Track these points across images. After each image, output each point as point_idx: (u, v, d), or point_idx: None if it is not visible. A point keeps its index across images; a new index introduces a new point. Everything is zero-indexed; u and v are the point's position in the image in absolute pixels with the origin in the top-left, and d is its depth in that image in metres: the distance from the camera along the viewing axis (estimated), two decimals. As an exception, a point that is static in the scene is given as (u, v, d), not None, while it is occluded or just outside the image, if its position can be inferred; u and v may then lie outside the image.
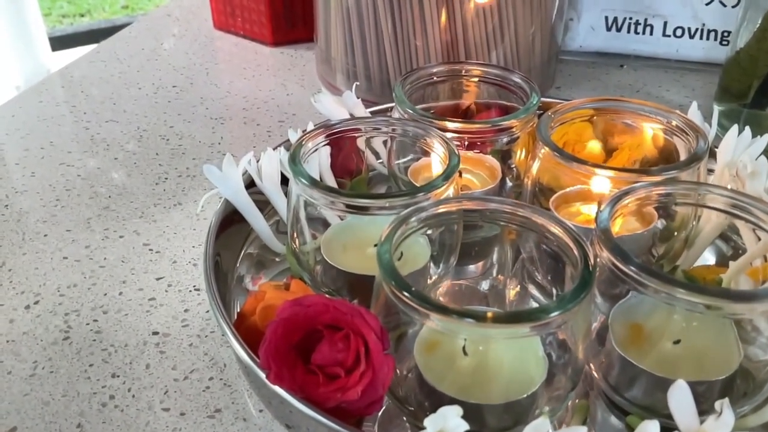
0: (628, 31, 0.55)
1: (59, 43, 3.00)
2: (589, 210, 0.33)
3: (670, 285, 0.22)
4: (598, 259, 0.24)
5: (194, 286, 0.32)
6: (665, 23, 0.54)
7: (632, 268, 0.22)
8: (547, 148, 0.30)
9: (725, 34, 0.53)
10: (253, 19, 0.57)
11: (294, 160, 0.29)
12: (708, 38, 0.54)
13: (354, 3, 0.46)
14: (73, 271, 0.33)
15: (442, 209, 0.26)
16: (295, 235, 0.31)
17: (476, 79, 0.38)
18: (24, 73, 2.66)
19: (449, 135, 0.32)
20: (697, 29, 0.54)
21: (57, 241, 0.35)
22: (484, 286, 0.33)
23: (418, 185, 0.35)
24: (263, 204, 0.34)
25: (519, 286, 0.32)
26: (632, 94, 0.51)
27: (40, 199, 0.38)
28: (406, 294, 0.22)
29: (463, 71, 0.38)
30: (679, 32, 0.54)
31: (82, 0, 3.62)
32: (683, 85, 0.52)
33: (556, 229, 0.25)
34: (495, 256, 0.34)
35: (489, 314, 0.21)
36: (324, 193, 0.28)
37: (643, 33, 0.54)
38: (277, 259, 0.34)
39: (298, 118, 0.47)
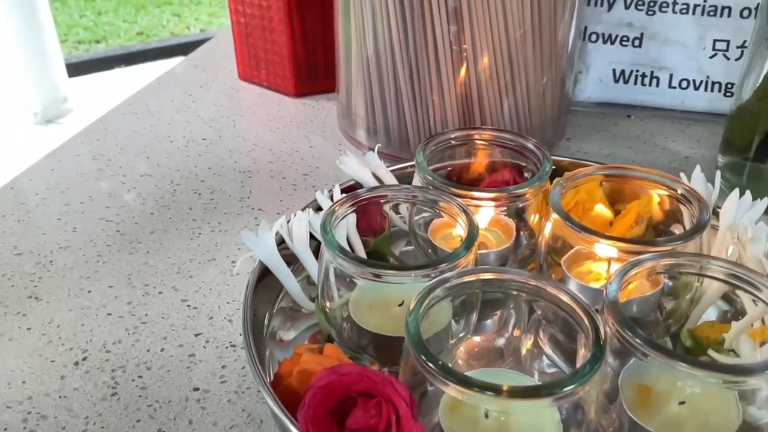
0: (635, 83, 0.57)
1: (75, 69, 3.06)
2: (600, 268, 0.35)
3: (673, 359, 0.24)
4: (607, 329, 0.26)
5: (230, 342, 0.35)
6: (671, 75, 0.57)
7: (638, 341, 0.25)
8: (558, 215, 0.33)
9: (729, 85, 0.56)
10: (277, 72, 0.60)
11: (325, 229, 0.32)
12: (712, 90, 0.56)
13: (374, 63, 0.49)
14: (117, 328, 0.35)
15: (463, 280, 0.28)
16: (325, 293, 0.33)
17: (490, 143, 0.40)
18: (41, 100, 2.72)
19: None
20: (701, 81, 0.56)
21: (101, 297, 0.37)
22: (501, 342, 0.35)
23: (435, 243, 0.38)
24: (292, 257, 0.36)
25: (534, 340, 0.34)
26: (639, 145, 0.53)
27: (83, 255, 0.41)
28: (431, 366, 0.24)
29: (478, 136, 0.40)
30: (684, 84, 0.56)
31: (98, 27, 3.71)
32: (689, 136, 0.54)
33: (567, 300, 0.27)
34: (511, 312, 0.36)
35: (506, 388, 0.23)
36: (353, 263, 0.30)
37: (650, 84, 0.57)
38: (305, 311, 0.36)
39: (321, 171, 0.50)
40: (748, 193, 0.36)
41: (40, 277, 0.39)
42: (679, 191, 0.34)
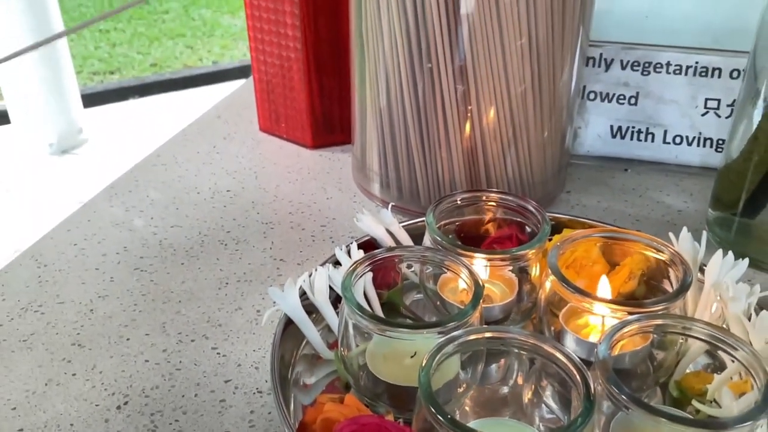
0: (632, 139, 0.61)
1: (90, 100, 3.13)
2: (596, 321, 0.39)
3: (652, 414, 0.27)
4: (598, 385, 0.29)
5: (257, 388, 0.38)
6: (665, 131, 0.60)
7: (623, 397, 0.28)
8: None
9: (720, 141, 0.59)
10: (296, 125, 0.64)
11: (346, 287, 0.35)
12: (704, 145, 0.60)
13: (387, 122, 0.53)
14: (154, 374, 0.39)
15: (470, 338, 0.32)
16: (344, 343, 0.37)
17: (495, 204, 0.44)
18: (57, 131, 2.78)
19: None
20: (694, 137, 0.60)
21: (138, 344, 0.41)
22: (505, 390, 0.38)
23: (443, 296, 0.41)
24: (312, 307, 0.40)
25: (534, 389, 0.38)
26: (635, 199, 0.56)
27: (120, 304, 0.44)
28: (441, 418, 0.27)
29: (485, 197, 0.44)
30: (678, 140, 0.60)
31: (112, 58, 3.80)
32: (682, 189, 0.58)
33: (562, 358, 0.30)
34: (514, 363, 0.39)
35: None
36: (370, 321, 0.34)
37: (646, 140, 0.61)
38: (324, 358, 0.40)
39: (338, 223, 0.53)
40: (730, 253, 0.39)
41: (82, 325, 0.43)
42: (665, 254, 0.38)
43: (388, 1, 0.48)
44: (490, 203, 0.44)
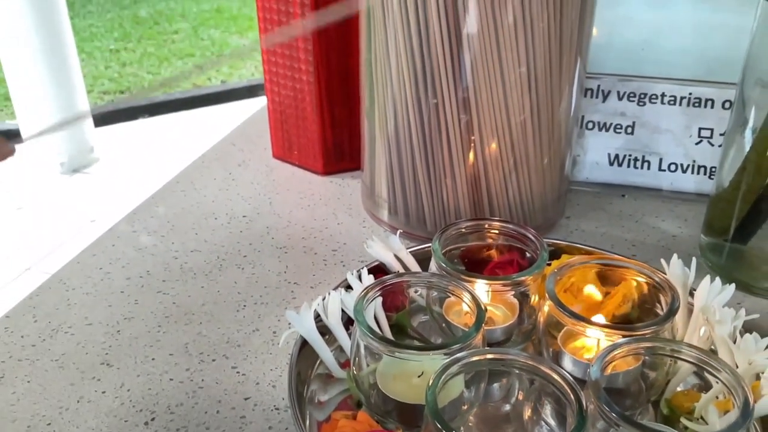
0: (629, 166, 0.64)
1: (100, 119, 3.18)
2: (591, 342, 0.41)
3: (640, 431, 0.30)
4: (590, 404, 0.32)
5: (275, 405, 0.41)
6: (661, 159, 0.63)
7: (614, 415, 0.31)
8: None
9: (713, 169, 0.62)
10: (308, 153, 0.67)
11: (358, 311, 0.38)
12: (698, 173, 0.62)
13: (395, 152, 0.56)
14: (178, 392, 0.42)
15: (473, 359, 0.34)
16: (355, 363, 0.39)
17: (497, 231, 0.47)
18: (68, 150, 2.82)
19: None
20: (688, 165, 0.63)
21: (163, 364, 0.44)
22: (507, 407, 0.41)
23: (448, 318, 0.44)
24: (325, 328, 0.42)
25: (533, 407, 0.40)
26: (632, 224, 0.59)
27: (145, 325, 0.47)
28: (447, 434, 0.30)
29: (487, 225, 0.47)
30: (673, 167, 0.63)
31: (123, 78, 3.86)
32: (677, 215, 0.60)
33: (558, 378, 0.33)
34: (515, 381, 0.42)
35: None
36: (380, 343, 0.36)
37: (642, 167, 0.63)
38: (337, 377, 0.42)
39: (349, 248, 0.56)
40: (717, 279, 0.42)
41: (110, 345, 0.45)
42: (656, 280, 0.40)
43: (395, 38, 0.51)
44: (492, 231, 0.47)
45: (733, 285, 0.41)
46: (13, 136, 3.02)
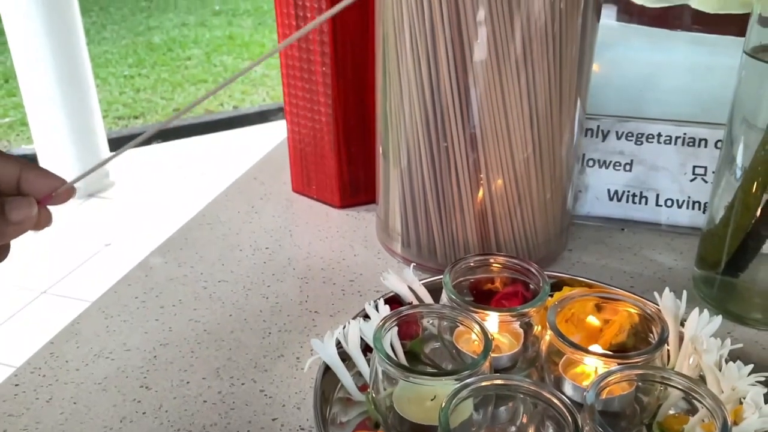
0: (627, 201, 0.68)
1: (115, 144, 3.25)
2: (590, 369, 0.45)
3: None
4: (587, 426, 0.36)
5: (299, 426, 0.45)
6: (657, 195, 0.67)
7: (607, 436, 0.34)
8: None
9: (707, 204, 0.66)
10: (325, 187, 0.72)
11: (376, 339, 0.42)
12: (693, 208, 0.66)
13: (408, 189, 0.60)
14: (212, 413, 0.46)
15: (481, 384, 0.38)
16: (374, 387, 0.43)
17: (502, 265, 0.51)
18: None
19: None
20: (683, 200, 0.67)
21: (197, 387, 0.48)
22: (512, 429, 0.45)
23: (458, 346, 0.48)
24: (345, 354, 0.46)
25: (536, 428, 0.44)
26: (630, 257, 0.63)
27: (179, 351, 0.51)
28: (458, 451, 0.34)
29: (493, 260, 0.51)
30: (669, 203, 0.67)
31: (137, 103, 3.94)
32: (673, 248, 0.64)
33: (557, 402, 0.37)
34: (520, 405, 0.46)
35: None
36: (397, 369, 0.40)
37: (640, 203, 0.67)
38: (356, 400, 0.46)
39: (365, 278, 0.60)
40: (705, 311, 0.45)
41: (147, 369, 0.50)
42: (648, 312, 0.44)
43: (408, 86, 0.56)
44: (498, 265, 0.51)
45: (720, 317, 0.45)
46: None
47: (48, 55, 2.60)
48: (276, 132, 3.45)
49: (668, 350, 0.47)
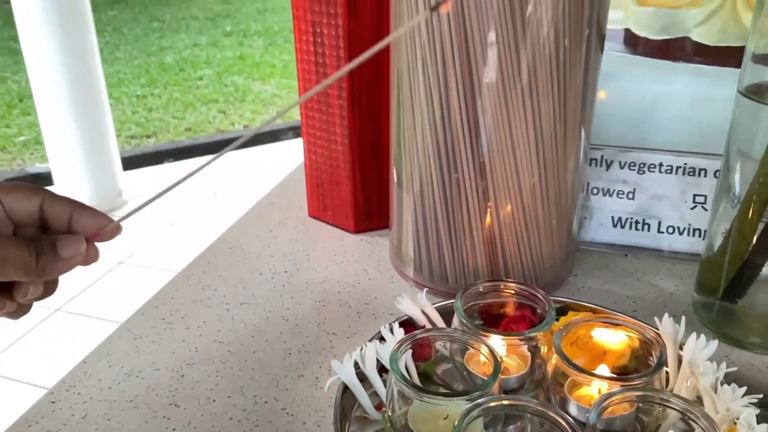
0: (630, 228, 0.71)
1: (127, 163, 3.30)
2: (594, 390, 0.48)
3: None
4: (589, 443, 0.38)
5: (320, 442, 0.48)
6: (659, 222, 0.70)
7: (608, 453, 0.37)
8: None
9: (706, 231, 0.69)
10: (340, 213, 0.75)
11: (393, 361, 0.45)
12: (693, 235, 0.69)
13: (421, 216, 0.63)
14: (238, 430, 0.48)
15: (492, 404, 0.41)
16: (390, 405, 0.46)
17: (510, 291, 0.54)
18: (98, 193, 2.92)
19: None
20: (684, 228, 0.69)
21: (223, 405, 0.51)
22: (520, 447, 0.47)
23: (469, 368, 0.51)
24: (362, 375, 0.49)
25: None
26: (633, 282, 0.66)
27: (205, 371, 0.54)
28: (471, 466, 0.37)
29: (503, 286, 0.54)
30: (670, 230, 0.70)
31: (149, 122, 4.00)
32: (674, 274, 0.67)
33: (562, 422, 0.39)
34: (527, 423, 0.48)
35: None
36: (412, 389, 0.43)
37: (642, 230, 0.70)
38: (373, 419, 0.49)
39: (379, 302, 0.63)
40: (702, 336, 0.48)
41: (176, 388, 0.53)
42: (647, 337, 0.47)
43: (422, 120, 0.59)
44: (506, 290, 0.54)
45: (716, 341, 0.48)
46: (45, 179, 3.14)
47: (64, 75, 2.66)
48: (286, 151, 3.51)
49: (668, 373, 0.49)
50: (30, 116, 3.91)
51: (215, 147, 3.61)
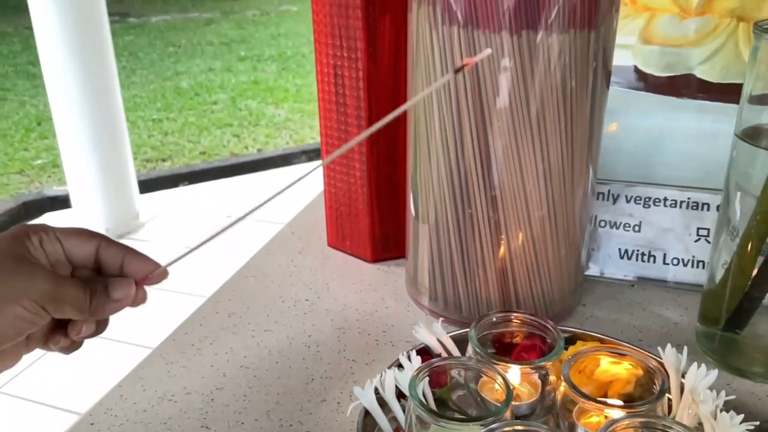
0: (637, 260, 0.74)
1: (144, 186, 3.36)
2: (600, 417, 0.51)
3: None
4: (595, 467, 0.41)
5: (343, 463, 0.51)
6: (665, 254, 0.73)
7: (613, 476, 0.40)
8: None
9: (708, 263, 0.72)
10: (358, 243, 0.79)
11: (411, 388, 0.48)
12: (697, 267, 0.72)
13: (436, 249, 0.66)
14: (265, 451, 0.52)
15: (504, 429, 0.44)
16: (409, 429, 0.49)
17: (522, 321, 0.57)
18: (114, 216, 2.96)
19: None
20: (689, 259, 0.72)
21: (251, 428, 0.54)
22: (531, 469, 0.50)
23: (483, 394, 0.54)
24: (381, 400, 0.52)
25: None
26: (640, 312, 0.69)
27: (233, 395, 0.58)
28: (485, 487, 0.40)
29: (514, 317, 0.57)
30: (675, 261, 0.73)
31: (164, 146, 4.07)
32: (679, 304, 0.70)
33: (571, 446, 0.42)
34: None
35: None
36: (429, 414, 0.46)
37: (648, 261, 0.73)
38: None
39: (396, 329, 0.66)
40: (703, 365, 0.51)
41: (206, 411, 0.56)
42: (651, 366, 0.50)
43: (437, 157, 0.63)
44: (518, 321, 0.57)
45: (716, 371, 0.51)
46: (62, 201, 3.20)
47: (83, 98, 2.72)
48: (299, 175, 3.55)
49: (670, 400, 0.52)
50: (48, 140, 3.99)
51: (229, 170, 3.66)
